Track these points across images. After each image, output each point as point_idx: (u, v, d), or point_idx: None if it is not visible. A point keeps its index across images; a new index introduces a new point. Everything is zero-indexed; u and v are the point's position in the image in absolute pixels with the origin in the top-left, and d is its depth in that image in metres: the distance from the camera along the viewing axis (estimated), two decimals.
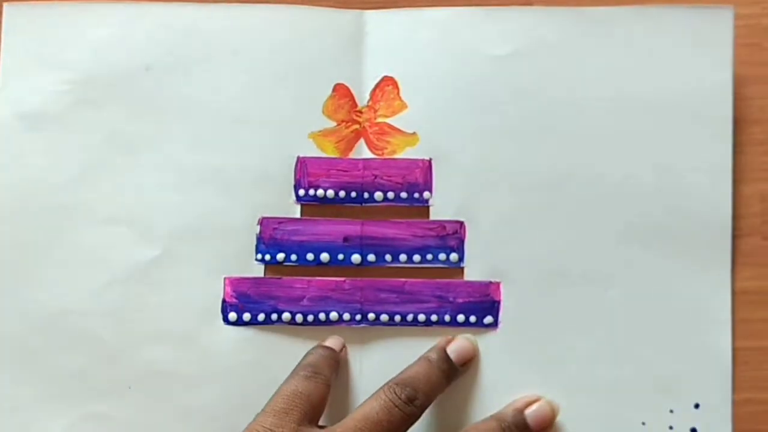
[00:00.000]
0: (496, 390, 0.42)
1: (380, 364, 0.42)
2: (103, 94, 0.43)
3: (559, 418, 0.42)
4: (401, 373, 0.40)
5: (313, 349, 0.41)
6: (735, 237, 0.43)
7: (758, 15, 0.44)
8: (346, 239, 0.43)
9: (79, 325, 0.42)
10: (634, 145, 0.43)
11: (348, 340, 0.42)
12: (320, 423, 0.39)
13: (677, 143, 0.43)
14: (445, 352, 0.41)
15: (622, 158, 0.43)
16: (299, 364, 0.40)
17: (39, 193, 0.43)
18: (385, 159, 0.43)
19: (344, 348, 0.42)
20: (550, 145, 0.43)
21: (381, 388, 0.39)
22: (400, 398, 0.38)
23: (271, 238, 0.43)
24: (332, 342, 0.42)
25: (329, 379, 0.40)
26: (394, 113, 0.43)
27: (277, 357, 0.42)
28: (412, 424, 0.39)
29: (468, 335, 0.42)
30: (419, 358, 0.41)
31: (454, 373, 0.41)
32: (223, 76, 0.43)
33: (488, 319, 0.42)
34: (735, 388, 0.42)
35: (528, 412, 0.41)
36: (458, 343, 0.41)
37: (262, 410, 0.38)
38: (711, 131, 0.43)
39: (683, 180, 0.43)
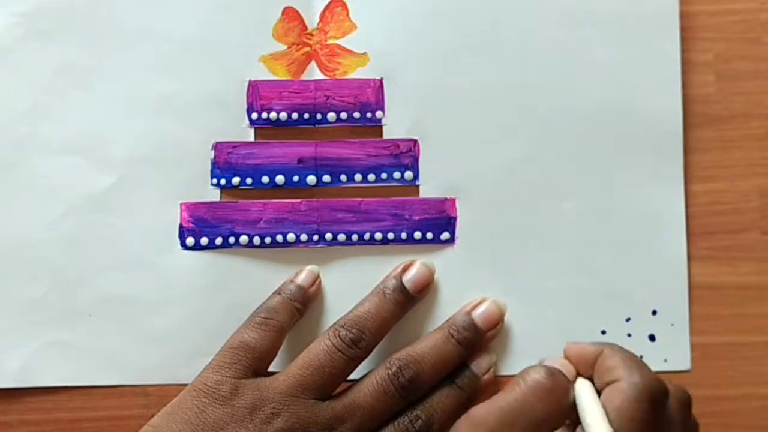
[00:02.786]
0: (456, 305, 0.42)
1: (340, 284, 0.43)
2: (53, 25, 0.43)
3: (518, 329, 0.42)
4: (354, 308, 0.40)
5: (281, 287, 0.41)
6: (735, 232, 0.43)
7: (756, 10, 0.44)
8: (300, 161, 0.43)
9: (38, 255, 0.42)
10: (584, 56, 0.43)
11: (307, 261, 0.43)
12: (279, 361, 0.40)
13: (625, 51, 0.43)
14: (400, 281, 0.41)
15: (572, 70, 0.43)
16: (258, 306, 0.41)
17: None
18: (336, 80, 0.43)
19: (317, 280, 0.42)
20: (500, 59, 0.43)
21: (328, 329, 0.40)
22: (344, 342, 0.39)
23: (225, 163, 0.43)
24: (303, 277, 0.42)
25: (283, 324, 0.40)
26: (344, 34, 0.43)
27: (236, 280, 0.42)
28: (357, 365, 0.39)
29: (425, 261, 0.42)
30: (373, 290, 0.41)
31: (410, 302, 0.41)
32: (172, 2, 0.43)
33: (445, 236, 0.43)
34: (734, 383, 0.42)
35: (475, 314, 0.41)
36: (414, 272, 0.41)
37: (209, 362, 0.39)
38: (658, 35, 0.43)
39: (633, 88, 0.43)
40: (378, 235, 0.43)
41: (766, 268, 0.43)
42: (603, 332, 0.43)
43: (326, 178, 0.43)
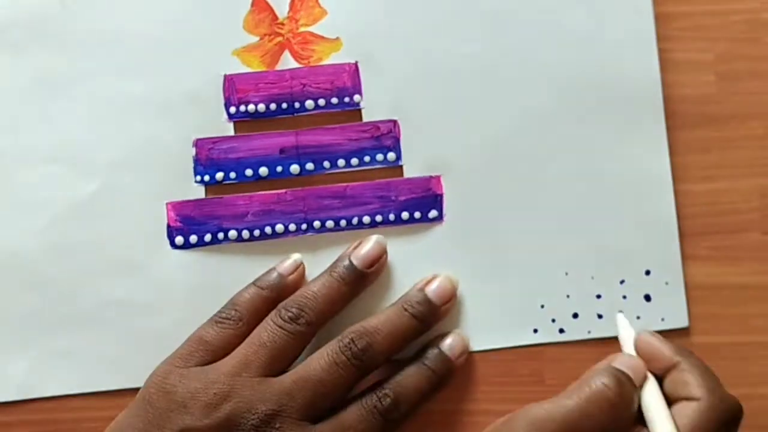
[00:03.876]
0: None
1: None
2: (23, 36, 0.43)
3: (513, 299, 0.42)
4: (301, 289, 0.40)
5: (259, 276, 0.41)
6: (735, 232, 0.43)
7: (758, 10, 0.43)
8: (282, 151, 0.43)
9: (27, 266, 0.42)
10: (558, 23, 0.43)
11: (297, 251, 0.43)
12: None
13: (599, 14, 0.43)
14: (348, 259, 0.41)
15: (548, 38, 0.43)
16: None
17: None
18: (311, 67, 0.43)
19: (298, 269, 0.42)
20: (474, 33, 0.43)
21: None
22: (283, 319, 0.39)
23: (207, 159, 0.43)
24: (285, 265, 0.41)
25: (243, 318, 0.39)
26: (315, 21, 0.43)
27: (229, 275, 0.42)
28: (302, 342, 0.39)
29: (376, 236, 0.42)
30: (322, 272, 0.41)
31: (361, 278, 0.41)
32: (141, 3, 0.43)
33: (433, 213, 0.43)
34: (735, 383, 0.41)
35: (428, 289, 0.41)
36: (363, 249, 0.41)
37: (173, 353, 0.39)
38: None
39: (609, 51, 0.43)
40: (366, 219, 0.43)
41: (766, 268, 0.43)
42: (598, 296, 0.43)
43: (309, 166, 0.43)
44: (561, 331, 0.43)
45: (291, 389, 0.37)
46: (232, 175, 0.43)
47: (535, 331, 0.43)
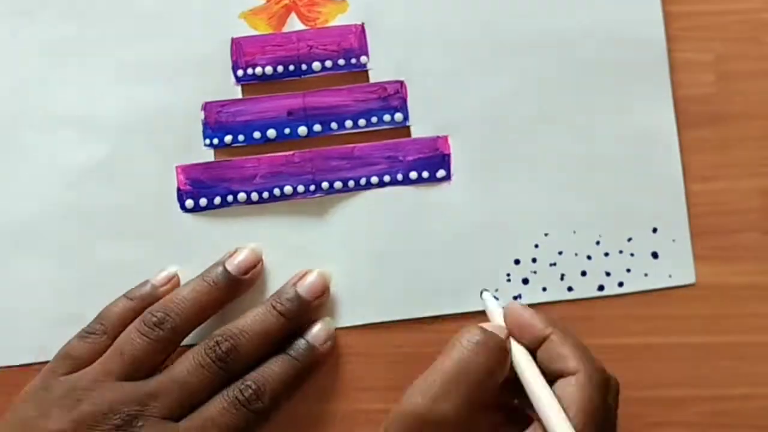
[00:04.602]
0: (460, 241, 0.43)
1: (341, 233, 0.43)
2: (33, 2, 0.43)
3: (523, 259, 0.43)
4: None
5: (131, 290, 0.41)
6: (735, 232, 0.43)
7: (757, 10, 0.43)
8: (290, 113, 0.43)
9: (41, 231, 0.43)
10: None
11: (305, 212, 0.43)
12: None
13: None
14: (222, 265, 0.41)
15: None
16: None
17: None
18: (318, 29, 0.43)
19: (172, 280, 0.42)
20: None
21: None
22: (146, 325, 0.39)
23: (216, 122, 0.43)
24: (158, 278, 0.42)
25: (108, 332, 0.40)
26: None
27: (239, 237, 0.43)
28: (166, 347, 0.39)
29: (253, 244, 0.42)
30: (195, 277, 0.41)
31: (235, 284, 0.41)
32: None
33: (441, 173, 0.43)
34: (735, 383, 0.42)
35: (300, 285, 0.41)
36: (238, 257, 0.41)
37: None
38: None
39: (614, 9, 0.43)
40: (374, 179, 0.43)
41: (766, 268, 0.42)
42: (606, 254, 0.43)
43: (317, 127, 0.43)
44: (570, 289, 0.43)
45: (155, 390, 0.38)
46: (241, 138, 0.43)
47: (544, 289, 0.43)
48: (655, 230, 0.43)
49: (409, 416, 0.33)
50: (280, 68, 0.43)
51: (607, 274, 0.43)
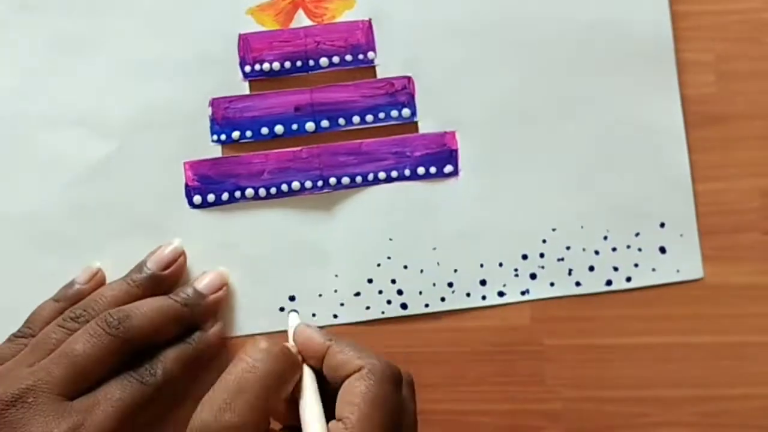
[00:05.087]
0: (468, 236, 0.43)
1: (348, 228, 0.43)
2: None
3: (533, 255, 0.43)
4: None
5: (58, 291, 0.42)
6: (735, 232, 0.43)
7: (758, 10, 0.43)
8: (297, 109, 0.43)
9: (48, 227, 0.43)
10: None
11: (313, 207, 0.43)
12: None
13: None
14: (144, 264, 0.41)
15: None
16: None
17: None
18: (325, 24, 0.43)
19: (96, 275, 0.42)
20: None
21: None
22: (64, 319, 0.39)
23: (223, 118, 0.43)
24: (81, 276, 0.42)
25: (36, 335, 0.39)
26: None
27: (247, 233, 0.43)
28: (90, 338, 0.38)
29: (177, 240, 0.42)
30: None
31: (156, 283, 0.41)
32: None
33: (448, 168, 0.43)
34: (735, 383, 0.42)
35: (198, 283, 0.41)
36: (158, 253, 0.42)
37: None
38: None
39: (622, 4, 0.43)
40: (381, 175, 0.43)
41: (766, 268, 0.42)
42: (614, 249, 0.43)
43: (324, 123, 0.43)
44: (578, 284, 0.43)
45: (48, 365, 0.37)
46: (248, 133, 0.43)
47: (552, 284, 0.43)
48: (662, 225, 0.43)
49: (198, 429, 0.33)
50: (287, 64, 0.43)
51: (615, 269, 0.43)
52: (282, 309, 0.43)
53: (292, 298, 0.43)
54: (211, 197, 0.43)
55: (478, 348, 0.43)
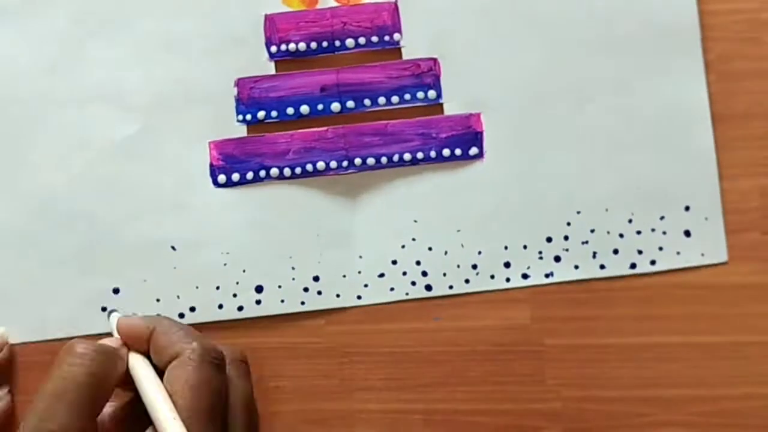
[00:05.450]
0: (492, 218, 0.43)
1: (373, 209, 0.43)
2: None
3: (555, 236, 0.43)
4: None
5: None
6: (735, 232, 0.43)
7: (757, 9, 0.43)
8: (323, 89, 0.43)
9: (73, 206, 0.43)
10: None
11: (338, 188, 0.43)
12: None
13: None
14: None
15: None
16: None
17: (13, 83, 0.43)
18: (351, 6, 0.43)
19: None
20: None
21: None
22: None
23: (249, 98, 0.43)
24: None
25: None
26: None
27: (271, 212, 0.43)
28: None
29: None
30: None
31: None
32: None
33: (473, 151, 0.43)
34: (735, 383, 0.42)
35: None
36: None
37: None
38: None
39: None
40: (407, 156, 0.43)
41: (766, 268, 0.42)
42: (638, 232, 0.43)
43: (350, 104, 0.43)
44: (602, 267, 0.43)
45: None
46: (274, 113, 0.43)
47: (576, 267, 0.43)
48: (687, 208, 0.43)
49: None
50: (313, 45, 0.43)
51: (639, 252, 0.43)
52: (306, 289, 0.43)
53: (316, 279, 0.43)
54: (235, 176, 0.43)
55: (478, 348, 0.43)
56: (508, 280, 0.43)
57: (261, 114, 0.43)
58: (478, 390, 0.43)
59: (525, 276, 0.43)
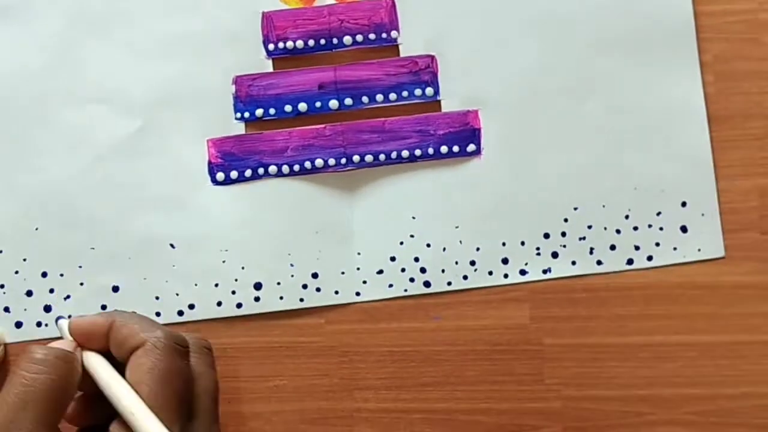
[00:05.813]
0: (490, 215, 0.43)
1: (371, 206, 0.43)
2: None
3: (552, 233, 0.43)
4: None
5: None
6: (733, 232, 0.43)
7: (755, 10, 0.43)
8: (321, 86, 0.43)
9: (73, 204, 0.43)
10: None
11: (336, 185, 0.43)
12: None
13: None
14: None
15: None
16: None
17: (15, 82, 0.43)
18: (349, 3, 0.43)
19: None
20: None
21: None
22: None
23: (247, 96, 0.43)
24: None
25: None
26: None
27: (270, 210, 0.43)
28: None
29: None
30: None
31: None
32: None
33: (471, 147, 0.43)
34: (735, 383, 0.42)
35: None
36: None
37: None
38: None
39: None
40: (405, 153, 0.43)
41: (766, 268, 0.42)
42: (635, 228, 0.43)
43: (348, 101, 0.43)
44: (599, 263, 0.43)
45: None
46: (272, 111, 0.43)
47: (574, 263, 0.43)
48: (684, 204, 0.43)
49: None
50: (311, 42, 0.43)
51: (636, 248, 0.43)
52: (305, 286, 0.43)
53: (314, 276, 0.43)
54: (234, 174, 0.43)
55: (477, 347, 0.43)
56: (506, 276, 0.43)
57: (259, 112, 0.43)
58: (478, 389, 0.43)
59: (523, 272, 0.43)
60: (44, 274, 0.43)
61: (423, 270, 0.43)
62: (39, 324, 0.43)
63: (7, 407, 0.33)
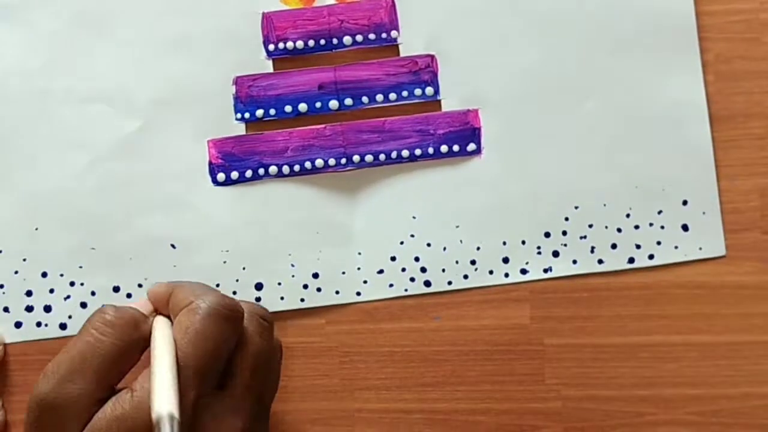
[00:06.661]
0: (491, 214, 0.43)
1: (371, 206, 0.43)
2: None
3: (553, 231, 0.43)
4: None
5: None
6: (734, 231, 0.43)
7: (756, 10, 0.43)
8: (321, 87, 0.43)
9: (72, 205, 0.43)
10: None
11: (336, 185, 0.43)
12: None
13: None
14: None
15: None
16: None
17: (15, 82, 0.43)
18: (348, 3, 0.43)
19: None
20: None
21: None
22: None
23: (247, 96, 0.43)
24: None
25: None
26: None
27: (270, 210, 0.43)
28: None
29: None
30: None
31: None
32: None
33: (471, 147, 0.43)
34: (735, 383, 0.42)
35: None
36: None
37: None
38: None
39: None
40: (405, 153, 0.43)
41: (766, 267, 0.42)
42: (636, 227, 0.43)
43: (348, 101, 0.43)
44: (600, 261, 0.43)
45: None
46: (272, 111, 0.43)
47: (575, 262, 0.43)
48: (685, 203, 0.43)
49: (37, 400, 0.33)
50: (311, 42, 0.43)
51: (638, 246, 0.43)
52: (306, 287, 0.43)
53: (315, 276, 0.43)
54: (234, 174, 0.43)
55: (477, 347, 0.43)
56: (506, 275, 0.43)
57: (259, 112, 0.43)
58: (478, 389, 0.43)
59: (524, 271, 0.43)
60: (44, 274, 0.43)
61: (423, 269, 0.43)
62: (39, 324, 0.43)
63: (70, 358, 0.33)
